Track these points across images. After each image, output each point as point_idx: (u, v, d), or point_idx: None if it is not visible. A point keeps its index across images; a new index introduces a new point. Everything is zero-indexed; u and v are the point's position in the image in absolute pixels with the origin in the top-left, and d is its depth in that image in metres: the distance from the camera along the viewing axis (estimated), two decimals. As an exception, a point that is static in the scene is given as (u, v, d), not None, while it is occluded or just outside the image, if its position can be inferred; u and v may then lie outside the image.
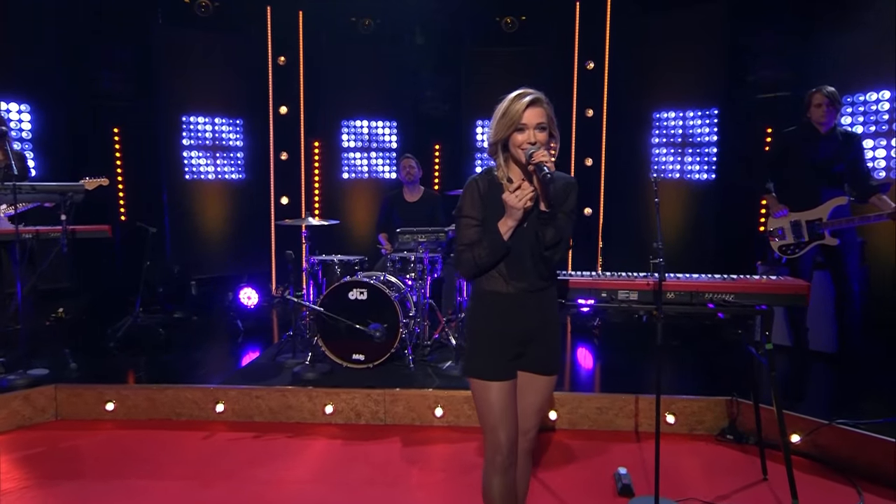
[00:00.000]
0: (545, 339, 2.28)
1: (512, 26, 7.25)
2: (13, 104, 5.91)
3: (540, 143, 2.14)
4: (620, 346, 5.38)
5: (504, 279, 2.23)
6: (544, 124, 2.15)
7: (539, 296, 2.25)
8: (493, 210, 2.20)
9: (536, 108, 2.15)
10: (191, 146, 7.02)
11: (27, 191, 4.10)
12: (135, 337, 5.19)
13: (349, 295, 4.50)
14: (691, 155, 6.61)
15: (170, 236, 6.86)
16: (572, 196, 2.26)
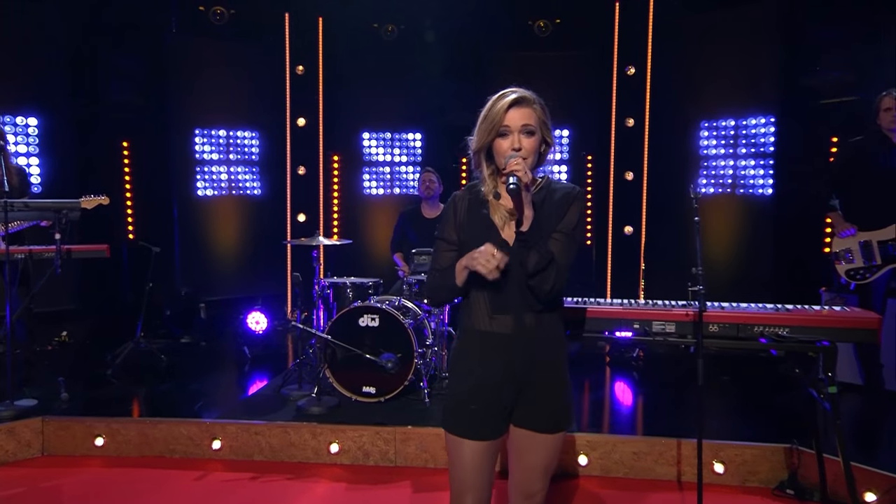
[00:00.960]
0: (544, 389, 2.02)
1: (545, 30, 7.11)
2: (20, 118, 6.02)
3: (527, 149, 1.94)
4: (664, 381, 5.10)
5: (487, 313, 2.01)
6: (531, 127, 1.96)
7: (531, 335, 1.99)
8: (475, 231, 2.01)
9: (522, 108, 1.96)
10: (203, 160, 7.04)
11: (19, 208, 4.09)
12: (135, 364, 5.15)
13: (359, 321, 4.35)
14: (744, 167, 6.30)
15: (179, 255, 6.86)
16: (573, 211, 2.00)
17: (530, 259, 1.89)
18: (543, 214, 1.96)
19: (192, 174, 6.99)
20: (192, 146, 6.97)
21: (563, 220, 1.98)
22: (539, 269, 1.89)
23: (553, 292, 1.93)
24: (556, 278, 1.91)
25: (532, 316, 1.98)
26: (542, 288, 1.91)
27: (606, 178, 7.00)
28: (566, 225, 1.98)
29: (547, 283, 1.90)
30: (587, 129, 7.14)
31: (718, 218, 6.43)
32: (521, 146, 1.93)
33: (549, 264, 1.89)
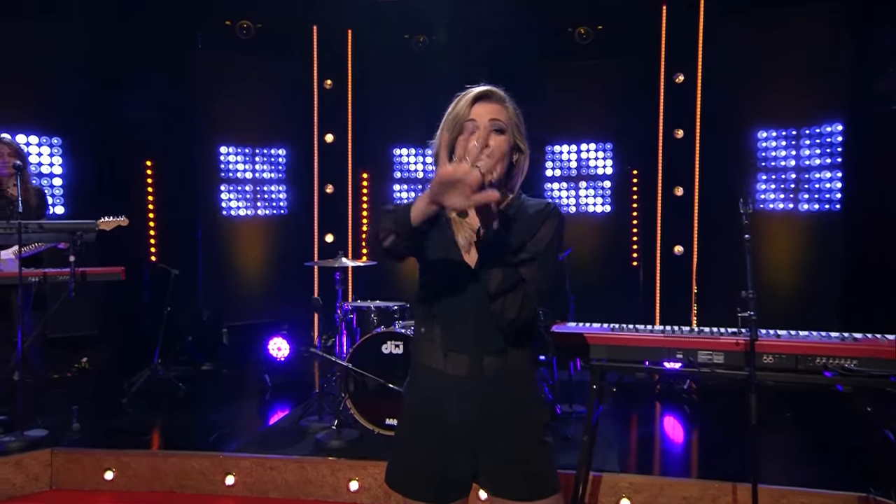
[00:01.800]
0: (510, 447, 1.73)
1: (586, 37, 7.00)
2: (44, 137, 6.19)
3: (495, 148, 1.69)
4: (719, 416, 4.85)
5: (441, 348, 1.76)
6: (501, 124, 1.73)
7: (491, 379, 1.74)
8: (433, 251, 1.78)
9: (491, 103, 1.75)
10: (228, 179, 7.12)
11: (34, 229, 4.15)
12: (151, 392, 5.17)
13: (383, 348, 4.26)
14: (807, 181, 6.03)
15: (202, 278, 6.92)
16: (546, 229, 1.75)
17: (493, 277, 1.65)
18: (514, 232, 1.73)
19: (217, 193, 7.07)
20: (217, 164, 7.05)
21: (535, 237, 1.74)
22: (503, 289, 1.64)
23: (519, 322, 1.67)
24: (524, 305, 1.66)
25: (494, 357, 1.74)
26: (506, 315, 1.66)
27: (654, 194, 6.80)
28: (538, 243, 1.74)
29: (511, 310, 1.65)
30: (632, 141, 6.98)
31: (780, 235, 6.16)
32: (489, 143, 1.70)
33: (514, 286, 1.65)
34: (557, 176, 7.17)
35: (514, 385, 1.75)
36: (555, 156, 7.17)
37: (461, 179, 1.42)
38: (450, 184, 1.44)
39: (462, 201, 1.44)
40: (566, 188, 7.15)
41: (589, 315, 6.27)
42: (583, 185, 7.11)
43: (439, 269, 1.77)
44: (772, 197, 6.21)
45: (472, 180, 1.42)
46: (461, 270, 1.73)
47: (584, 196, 7.10)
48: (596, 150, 7.06)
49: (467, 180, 1.42)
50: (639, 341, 2.74)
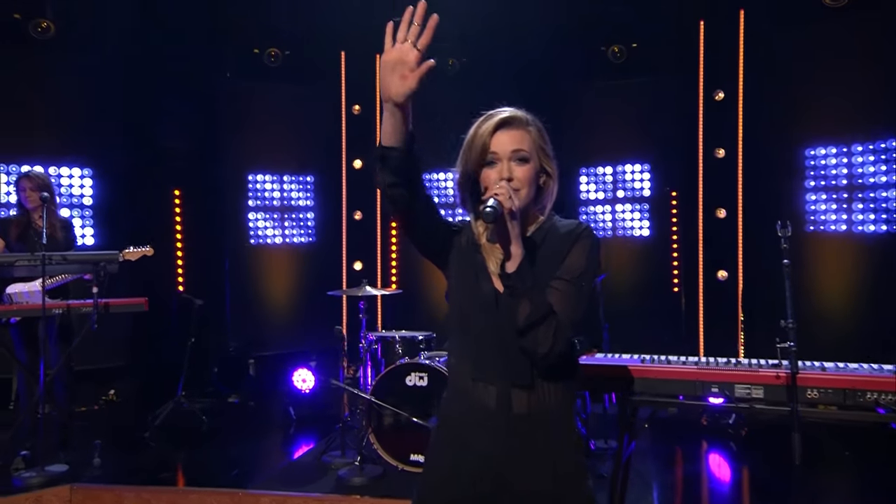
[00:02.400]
0: (539, 487, 1.68)
1: (620, 56, 6.94)
2: (76, 169, 6.37)
3: (519, 180, 1.70)
4: (769, 454, 4.63)
5: (469, 377, 1.73)
6: (524, 153, 1.72)
7: (519, 417, 1.68)
8: (464, 277, 1.77)
9: (512, 130, 1.73)
10: (256, 207, 7.21)
11: (58, 261, 4.24)
12: (175, 425, 5.19)
13: (406, 380, 4.22)
14: (861, 201, 5.81)
15: (230, 308, 6.99)
16: (577, 252, 1.72)
17: (521, 310, 1.61)
18: (541, 257, 1.71)
19: (245, 222, 7.16)
20: (245, 191, 7.16)
21: (565, 263, 1.70)
22: (532, 322, 1.60)
23: (552, 356, 1.62)
24: (557, 337, 1.61)
25: (522, 392, 1.68)
26: (538, 350, 1.62)
27: (694, 216, 6.65)
28: (569, 269, 1.69)
29: (543, 344, 1.61)
30: (671, 161, 6.86)
31: (830, 261, 5.93)
32: (512, 176, 1.70)
33: (544, 318, 1.60)
34: (593, 198, 7.08)
35: (545, 423, 1.69)
36: (590, 177, 7.10)
37: (399, 60, 1.51)
38: (391, 72, 1.51)
39: (402, 83, 1.51)
40: (603, 210, 7.05)
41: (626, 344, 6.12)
42: (620, 206, 7.00)
43: (467, 296, 1.76)
44: (824, 218, 6.00)
45: (410, 59, 1.51)
46: (489, 298, 1.70)
47: (621, 218, 6.99)
48: (633, 171, 6.96)
49: (406, 59, 1.51)
50: (670, 374, 2.63)
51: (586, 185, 7.10)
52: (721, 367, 2.61)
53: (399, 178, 1.62)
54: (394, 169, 1.61)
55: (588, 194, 7.09)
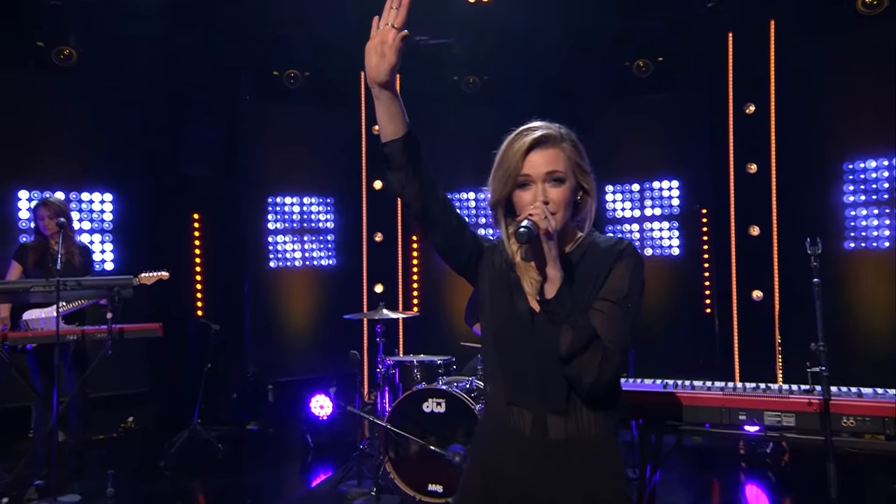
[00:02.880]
0: None
1: (646, 71, 6.88)
2: (96, 193, 6.47)
3: (556, 202, 1.64)
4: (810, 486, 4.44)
5: (504, 400, 1.69)
6: (560, 174, 1.66)
7: (560, 440, 1.63)
8: (499, 297, 1.73)
9: (546, 149, 1.68)
10: (276, 230, 7.25)
11: (72, 286, 4.28)
12: (190, 454, 5.18)
13: (424, 406, 4.15)
14: (902, 216, 5.63)
15: (249, 333, 7.00)
16: (619, 271, 1.66)
17: (562, 337, 1.56)
18: (581, 277, 1.66)
19: (265, 245, 7.19)
20: (265, 215, 7.20)
21: (607, 283, 1.65)
22: (576, 350, 1.55)
23: (600, 386, 1.56)
24: (603, 365, 1.55)
25: (559, 417, 1.62)
26: (584, 379, 1.56)
27: (726, 235, 6.51)
28: (613, 290, 1.64)
29: (588, 373, 1.55)
30: (700, 178, 6.76)
31: (875, 279, 5.74)
32: (548, 198, 1.65)
33: (588, 345, 1.55)
34: (620, 217, 7.00)
35: (584, 449, 1.62)
36: (616, 196, 7.01)
37: (380, 41, 1.59)
38: (372, 56, 1.60)
39: (382, 60, 1.60)
40: (630, 230, 6.95)
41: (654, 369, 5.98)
42: (647, 225, 6.90)
43: (501, 315, 1.72)
44: (864, 234, 5.82)
45: (388, 37, 1.60)
46: (524, 318, 1.66)
47: (649, 237, 6.89)
48: (661, 187, 6.87)
49: (385, 38, 1.60)
50: (695, 400, 2.54)
51: (612, 203, 7.02)
52: (749, 394, 2.51)
53: (407, 172, 1.66)
54: (400, 164, 1.66)
55: (615, 212, 7.01)
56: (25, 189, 6.09)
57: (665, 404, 2.59)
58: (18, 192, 6.08)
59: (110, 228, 6.56)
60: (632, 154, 6.93)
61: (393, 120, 1.67)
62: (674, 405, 2.58)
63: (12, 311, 4.73)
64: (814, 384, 2.40)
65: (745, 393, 2.52)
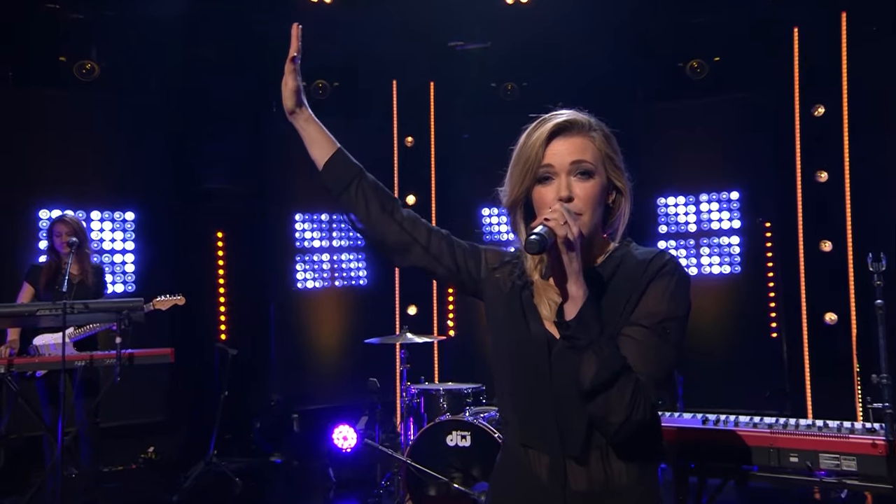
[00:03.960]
0: None
1: (701, 71, 6.69)
2: (118, 212, 6.57)
3: (582, 199, 1.48)
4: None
5: (519, 441, 1.55)
6: (588, 165, 1.50)
7: (585, 491, 1.47)
8: (509, 319, 1.58)
9: (571, 137, 1.53)
10: (304, 248, 7.24)
11: (80, 310, 4.28)
12: (206, 488, 5.16)
13: (447, 440, 4.04)
14: None
15: (275, 358, 6.98)
16: (658, 290, 1.48)
17: (585, 367, 1.37)
18: (611, 296, 1.49)
19: (292, 264, 7.18)
20: (293, 233, 7.20)
21: (641, 305, 1.47)
22: (601, 384, 1.36)
23: (629, 426, 1.38)
24: (635, 403, 1.37)
25: (580, 467, 1.47)
26: (611, 419, 1.38)
27: (794, 250, 6.23)
28: (649, 313, 1.45)
29: (617, 411, 1.37)
30: (763, 188, 6.54)
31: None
32: (573, 194, 1.48)
33: (616, 377, 1.36)
34: (671, 233, 6.79)
35: (613, 501, 1.47)
36: (667, 210, 6.81)
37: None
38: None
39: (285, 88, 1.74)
40: (683, 247, 6.73)
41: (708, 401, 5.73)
42: (705, 240, 6.66)
43: (513, 342, 1.58)
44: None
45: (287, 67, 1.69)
46: (539, 345, 1.51)
47: (705, 256, 6.65)
48: (718, 201, 6.66)
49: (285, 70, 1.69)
50: (738, 438, 2.34)
51: (666, 217, 6.80)
52: (802, 432, 2.31)
53: (349, 196, 1.68)
54: (338, 189, 1.70)
55: (669, 227, 6.80)
56: (46, 208, 6.22)
57: (705, 442, 2.41)
58: (39, 211, 6.20)
59: (132, 248, 6.64)
60: (687, 164, 6.75)
61: (316, 145, 1.72)
62: (715, 443, 2.40)
63: (23, 336, 4.81)
64: (874, 422, 2.18)
65: (797, 431, 2.31)
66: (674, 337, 1.45)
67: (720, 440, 2.37)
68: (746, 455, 2.33)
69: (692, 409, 6.05)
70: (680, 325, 1.47)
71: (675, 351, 1.46)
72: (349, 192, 1.67)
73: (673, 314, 1.46)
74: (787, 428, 2.35)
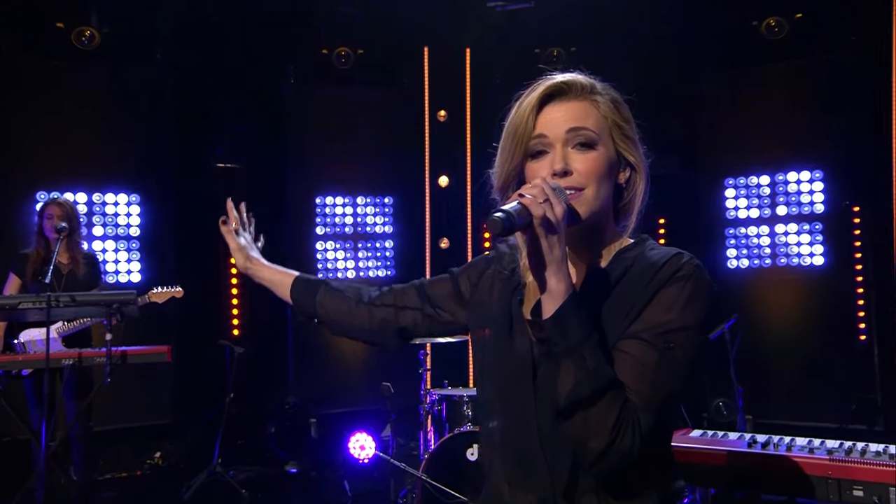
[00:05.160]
0: None
1: (778, 31, 6.47)
2: (122, 195, 6.60)
3: (582, 173, 1.36)
4: None
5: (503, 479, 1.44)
6: (590, 134, 1.38)
7: None
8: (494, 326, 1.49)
9: (567, 101, 1.41)
10: (325, 235, 7.19)
11: (65, 303, 4.27)
12: (209, 498, 5.14)
13: (468, 453, 3.97)
14: None
15: (293, 357, 6.95)
16: (666, 300, 1.34)
17: (561, 378, 1.25)
18: (614, 304, 1.37)
19: (311, 254, 7.14)
20: (313, 216, 7.15)
21: (644, 314, 1.34)
22: (579, 399, 1.24)
23: (613, 456, 1.25)
24: (620, 426, 1.24)
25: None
26: (590, 444, 1.25)
27: (887, 240, 5.87)
28: (649, 324, 1.33)
29: (598, 435, 1.24)
30: (851, 169, 6.25)
31: None
32: (569, 167, 1.37)
33: (600, 394, 1.24)
34: (744, 218, 6.57)
35: None
36: (740, 190, 6.60)
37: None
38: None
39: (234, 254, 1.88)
40: (758, 233, 6.50)
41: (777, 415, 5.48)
42: (781, 227, 6.43)
43: (495, 365, 1.48)
44: None
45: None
46: (523, 365, 1.39)
47: (783, 242, 6.43)
48: (798, 181, 6.40)
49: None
50: (791, 465, 2.15)
51: (735, 201, 6.58)
52: (869, 460, 2.11)
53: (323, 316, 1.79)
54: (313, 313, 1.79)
55: (737, 212, 6.58)
56: (42, 190, 6.25)
57: (753, 469, 2.23)
58: (37, 193, 6.22)
59: (137, 235, 6.65)
60: (759, 139, 6.53)
61: (278, 287, 1.83)
62: (764, 470, 2.21)
63: (9, 331, 4.84)
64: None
65: (864, 459, 2.10)
66: (680, 353, 1.31)
67: (770, 467, 2.19)
68: (801, 485, 2.13)
69: (763, 420, 5.91)
70: (689, 339, 1.32)
71: (681, 370, 1.32)
72: (322, 306, 1.77)
73: (681, 326, 1.32)
74: (850, 454, 2.15)
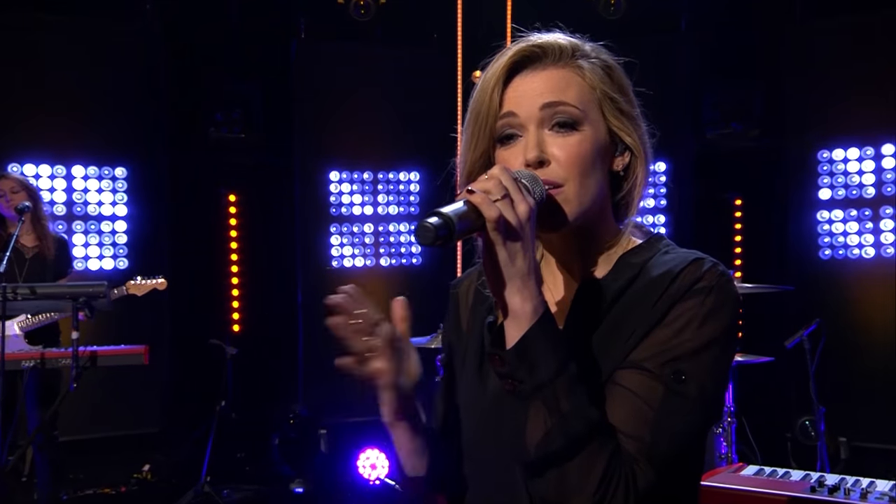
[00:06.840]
0: None
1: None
2: (106, 168, 6.54)
3: (562, 160, 1.25)
4: None
5: None
6: (571, 110, 1.26)
7: None
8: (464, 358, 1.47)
9: (542, 69, 1.29)
10: (342, 215, 7.12)
11: (24, 295, 4.21)
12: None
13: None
14: None
15: (303, 358, 6.89)
16: (680, 319, 1.21)
17: (530, 426, 1.14)
18: (615, 326, 1.25)
19: (326, 236, 7.07)
20: (326, 197, 7.07)
21: (650, 336, 1.21)
22: (550, 451, 1.13)
23: None
24: (610, 482, 1.12)
25: None
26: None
27: None
28: (657, 350, 1.21)
29: (580, 492, 1.12)
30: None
31: None
32: (545, 154, 1.25)
33: (579, 445, 1.12)
34: (836, 199, 6.35)
35: None
36: (829, 167, 6.39)
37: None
38: None
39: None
40: (855, 218, 6.27)
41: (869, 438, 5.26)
42: (882, 212, 6.18)
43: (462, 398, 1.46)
44: None
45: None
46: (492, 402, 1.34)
47: (879, 230, 6.17)
48: (876, 157, 6.20)
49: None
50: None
51: (827, 178, 6.37)
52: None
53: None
54: None
55: (826, 191, 6.37)
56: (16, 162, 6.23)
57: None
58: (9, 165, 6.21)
59: (124, 214, 6.62)
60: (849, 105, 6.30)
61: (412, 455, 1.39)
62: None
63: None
64: None
65: None
66: (694, 386, 1.18)
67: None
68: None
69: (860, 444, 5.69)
70: (707, 365, 1.20)
71: (695, 408, 1.19)
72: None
73: (693, 348, 1.19)
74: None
